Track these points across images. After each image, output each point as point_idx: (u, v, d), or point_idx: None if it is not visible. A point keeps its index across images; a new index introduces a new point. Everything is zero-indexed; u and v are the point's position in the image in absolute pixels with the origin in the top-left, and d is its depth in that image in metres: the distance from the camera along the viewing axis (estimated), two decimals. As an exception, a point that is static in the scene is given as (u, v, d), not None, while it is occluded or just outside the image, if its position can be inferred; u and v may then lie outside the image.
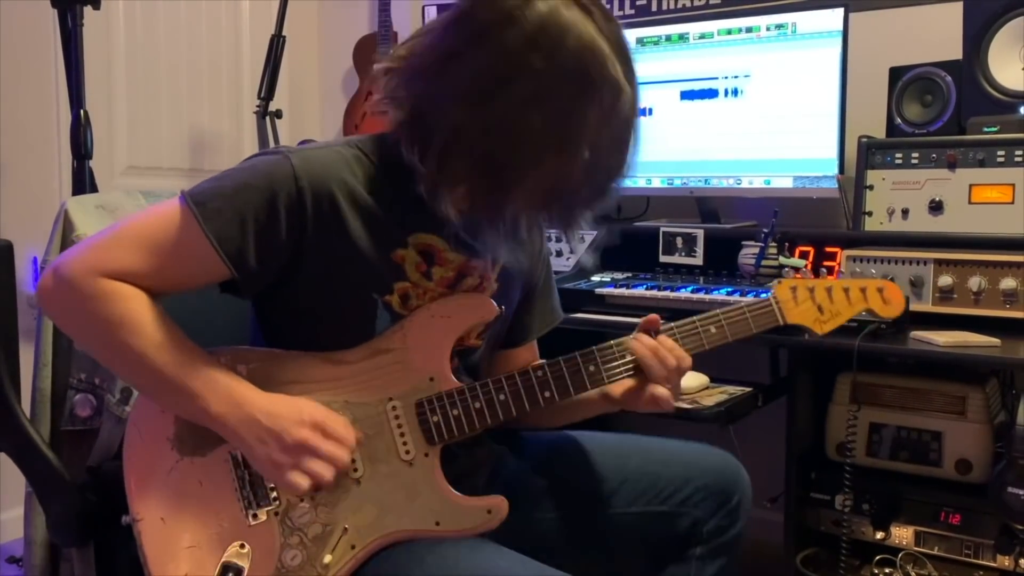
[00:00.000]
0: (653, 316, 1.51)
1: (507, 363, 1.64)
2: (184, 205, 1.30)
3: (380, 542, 1.35)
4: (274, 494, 1.34)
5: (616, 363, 1.50)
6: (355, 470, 1.36)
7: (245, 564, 1.32)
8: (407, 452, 1.38)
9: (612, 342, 1.50)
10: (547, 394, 1.45)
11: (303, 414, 1.30)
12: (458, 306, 1.45)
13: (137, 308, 1.28)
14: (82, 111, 2.46)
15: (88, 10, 2.48)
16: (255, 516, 1.34)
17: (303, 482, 1.28)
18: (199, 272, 1.33)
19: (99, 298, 1.27)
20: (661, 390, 1.48)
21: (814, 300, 1.61)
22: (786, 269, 1.68)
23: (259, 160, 1.36)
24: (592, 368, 1.47)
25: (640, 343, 1.49)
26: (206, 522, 1.33)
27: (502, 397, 1.43)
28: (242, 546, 1.33)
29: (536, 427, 1.70)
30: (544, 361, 1.48)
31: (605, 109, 1.28)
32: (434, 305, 1.43)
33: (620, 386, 1.52)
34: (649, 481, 1.60)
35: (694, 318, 1.54)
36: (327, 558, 1.33)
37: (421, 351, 1.41)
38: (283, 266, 1.35)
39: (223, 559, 1.32)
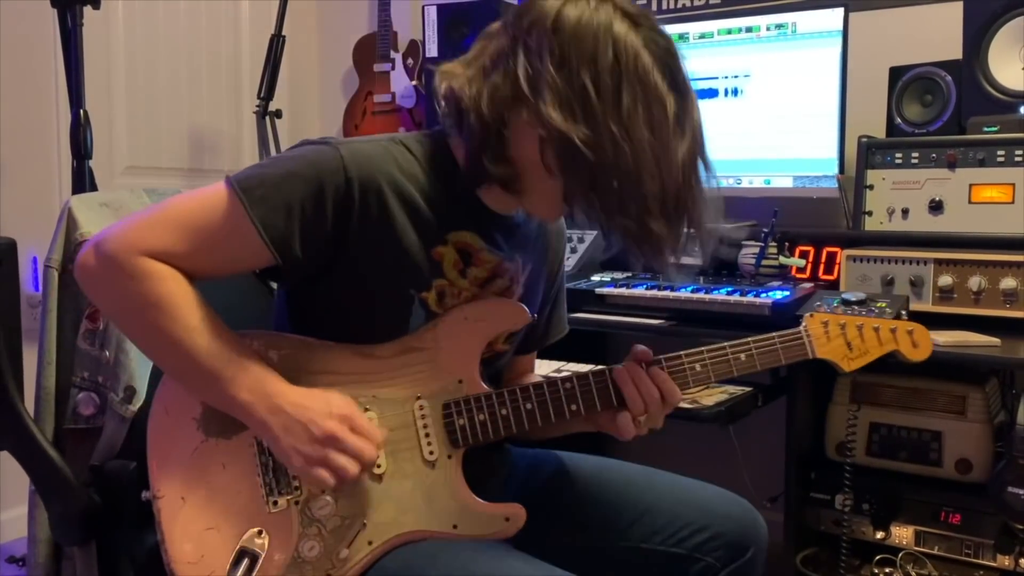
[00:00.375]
0: (645, 350, 1.47)
1: (508, 368, 1.64)
2: (230, 189, 1.29)
3: (397, 540, 1.35)
4: (296, 483, 1.34)
5: None
6: (378, 466, 1.35)
7: (262, 550, 1.32)
8: (431, 453, 1.38)
9: (606, 368, 1.47)
10: (573, 407, 1.44)
11: (332, 407, 1.28)
12: (492, 310, 1.44)
13: (175, 290, 1.27)
14: (82, 111, 2.46)
15: (88, 10, 2.48)
16: (275, 503, 1.33)
17: (328, 476, 1.27)
18: (241, 257, 1.32)
19: (138, 277, 1.26)
20: (624, 414, 1.44)
21: (845, 337, 1.58)
22: (819, 305, 1.67)
23: (308, 150, 1.34)
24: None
25: (624, 372, 1.44)
26: (226, 505, 1.33)
27: (528, 406, 1.42)
28: (260, 533, 1.33)
29: (521, 441, 1.69)
30: (572, 373, 1.46)
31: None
32: (468, 307, 1.43)
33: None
34: (667, 519, 1.57)
35: (725, 344, 1.50)
36: (344, 552, 1.33)
37: (452, 353, 1.41)
38: (327, 257, 1.34)
39: (240, 544, 1.32)
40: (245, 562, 1.31)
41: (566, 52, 1.28)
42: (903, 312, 1.73)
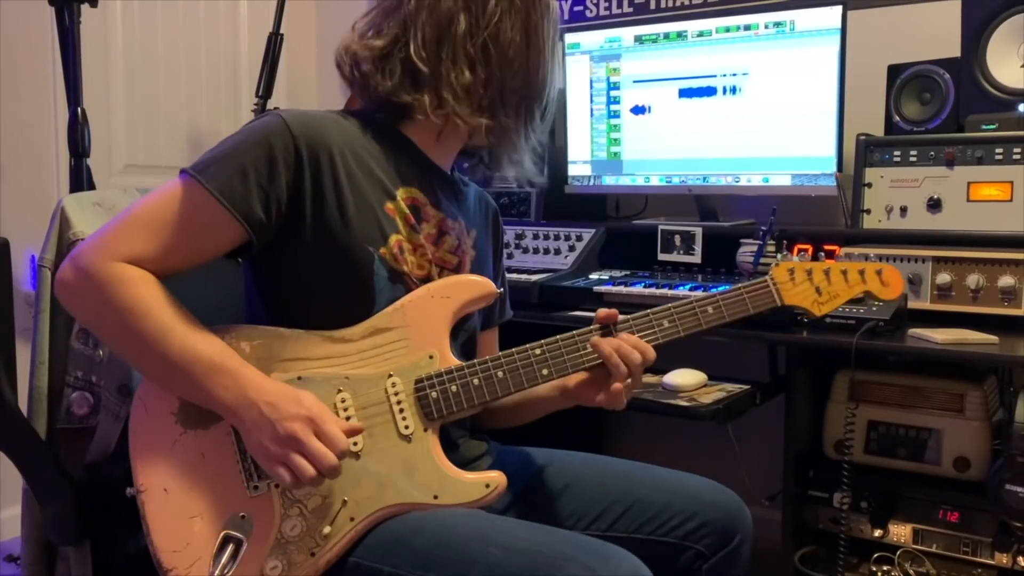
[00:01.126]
0: (611, 312, 1.50)
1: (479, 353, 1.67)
2: (185, 177, 1.36)
3: (379, 515, 1.37)
4: None
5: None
6: (355, 444, 1.38)
7: (246, 535, 1.35)
8: (406, 427, 1.40)
9: (576, 334, 1.50)
10: (545, 372, 1.47)
11: (301, 408, 1.30)
12: (456, 286, 1.49)
13: (145, 293, 1.32)
14: (79, 109, 2.45)
15: (86, 8, 2.47)
16: (256, 488, 1.36)
17: (285, 475, 1.29)
18: (209, 238, 1.37)
19: (111, 283, 1.31)
20: (618, 386, 1.47)
21: (812, 282, 1.59)
22: (783, 254, 1.68)
23: (252, 123, 1.43)
24: (589, 348, 1.48)
25: (604, 342, 1.47)
26: (208, 493, 1.36)
27: (500, 374, 1.44)
28: (243, 517, 1.36)
29: (498, 428, 1.71)
30: (543, 341, 1.48)
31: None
32: (432, 285, 1.48)
33: (575, 378, 1.53)
34: (656, 509, 1.59)
35: (691, 299, 1.53)
36: (326, 529, 1.35)
37: (421, 329, 1.44)
38: (285, 218, 1.39)
39: (224, 530, 1.35)
40: (230, 547, 1.34)
41: None
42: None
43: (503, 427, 1.72)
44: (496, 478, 1.42)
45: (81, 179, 2.47)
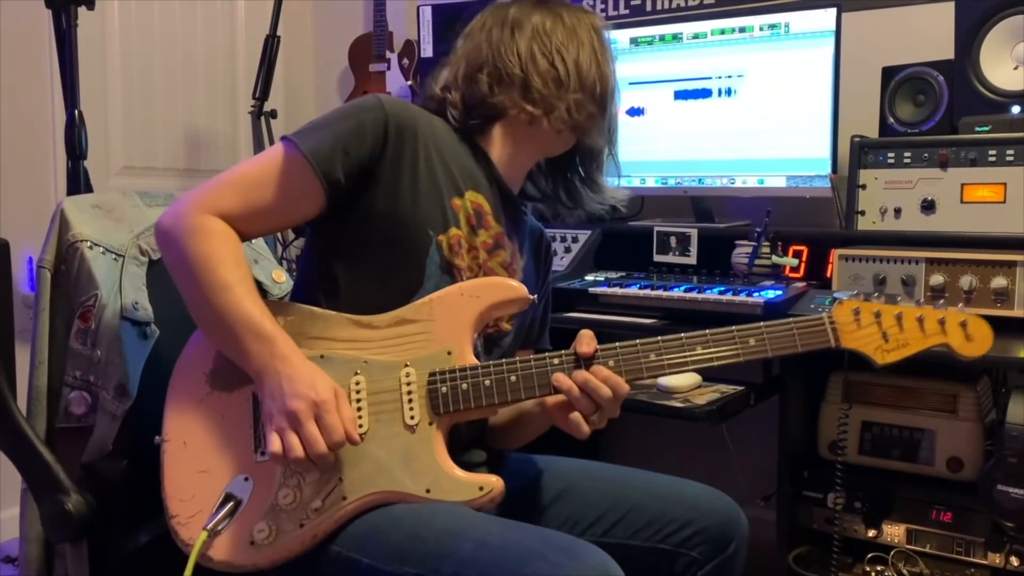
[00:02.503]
0: (586, 345, 1.46)
1: None
2: (284, 140, 1.48)
3: (371, 499, 1.40)
4: None
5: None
6: (361, 425, 1.42)
7: (244, 496, 1.41)
8: (412, 418, 1.43)
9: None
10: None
11: (311, 392, 1.36)
12: (488, 287, 1.51)
13: (220, 247, 1.42)
14: (76, 111, 2.46)
15: (83, 10, 2.48)
16: (263, 454, 1.42)
17: (275, 444, 1.35)
18: (294, 198, 1.47)
19: (195, 232, 1.41)
20: (578, 417, 1.46)
21: (880, 325, 1.43)
22: (835, 299, 1.48)
23: (352, 100, 1.59)
24: (612, 363, 1.46)
25: (563, 379, 1.44)
26: (220, 452, 1.44)
27: (513, 378, 1.45)
28: (246, 479, 1.43)
29: (499, 447, 1.71)
30: (562, 351, 1.48)
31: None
32: (465, 283, 1.52)
33: (553, 398, 1.50)
34: (651, 517, 1.60)
35: (733, 328, 1.47)
36: (317, 503, 1.39)
37: (445, 325, 1.47)
38: (359, 182, 1.49)
39: (227, 488, 1.42)
40: (229, 504, 1.40)
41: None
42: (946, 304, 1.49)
43: (502, 447, 1.71)
44: (492, 481, 1.42)
45: (78, 181, 2.48)
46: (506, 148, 1.66)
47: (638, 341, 1.48)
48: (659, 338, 1.48)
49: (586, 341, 1.46)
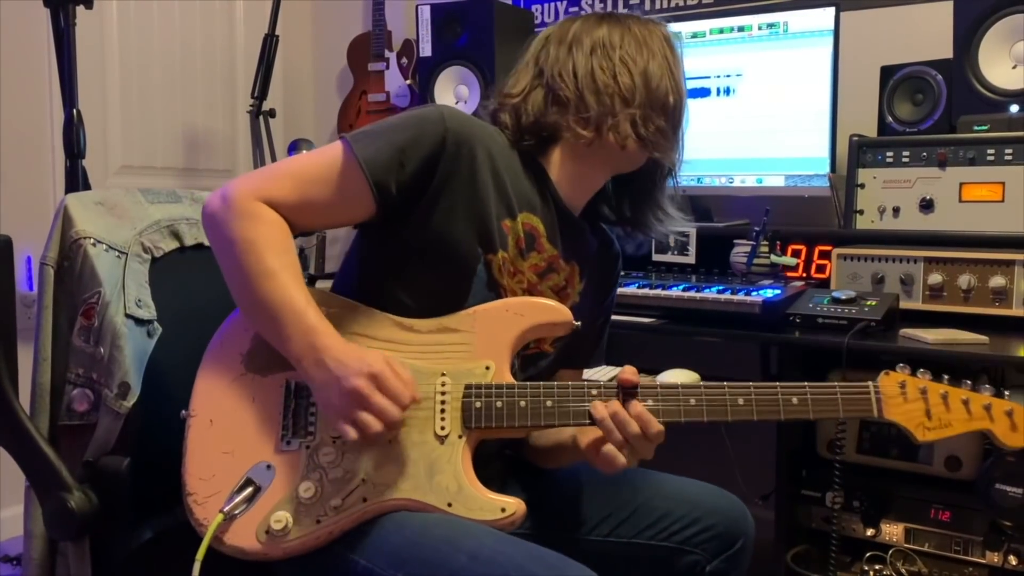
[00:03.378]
0: (629, 377, 1.44)
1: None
2: (342, 142, 1.46)
3: (391, 504, 1.39)
4: (311, 429, 1.42)
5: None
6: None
7: (265, 483, 1.40)
8: (442, 428, 1.42)
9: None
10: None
11: (364, 364, 1.34)
12: (534, 307, 1.49)
13: (268, 233, 1.40)
14: (75, 110, 2.45)
15: (81, 9, 2.48)
16: (288, 443, 1.41)
17: (351, 431, 1.33)
18: (344, 201, 1.45)
19: (245, 216, 1.39)
20: (612, 450, 1.42)
21: (925, 402, 1.43)
22: (902, 367, 1.45)
23: (414, 108, 1.53)
24: (651, 403, 1.44)
25: (599, 407, 1.43)
26: (246, 435, 1.43)
27: (549, 403, 1.43)
28: (268, 466, 1.41)
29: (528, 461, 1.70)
30: (600, 381, 1.48)
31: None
32: (511, 300, 1.51)
33: (586, 436, 1.49)
34: (657, 515, 1.60)
35: (776, 384, 1.44)
36: (336, 501, 1.38)
37: (486, 339, 1.46)
38: (412, 196, 1.46)
39: (248, 472, 1.40)
40: (249, 490, 1.39)
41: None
42: (1001, 390, 1.45)
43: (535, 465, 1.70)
44: (514, 504, 1.40)
45: (77, 180, 2.47)
46: (566, 168, 1.60)
47: (680, 384, 1.46)
48: (702, 384, 1.46)
49: (629, 374, 1.44)
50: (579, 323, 1.51)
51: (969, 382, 1.43)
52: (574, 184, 1.62)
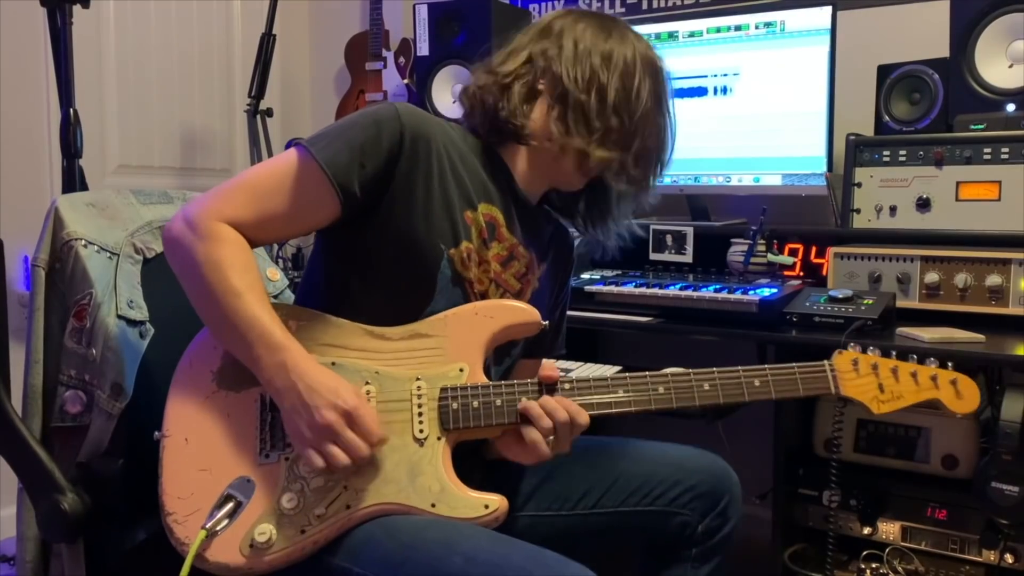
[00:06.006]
0: (549, 374, 1.47)
1: (515, 374, 1.67)
2: (298, 148, 1.45)
3: (375, 509, 1.39)
4: (290, 441, 1.41)
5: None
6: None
7: (246, 497, 1.39)
8: (420, 431, 1.43)
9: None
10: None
11: (338, 398, 1.34)
12: (502, 309, 1.52)
13: (230, 253, 1.39)
14: (71, 110, 2.45)
15: (78, 9, 2.48)
16: (267, 456, 1.42)
17: (318, 461, 1.34)
18: (307, 207, 1.45)
19: (205, 238, 1.39)
20: (534, 435, 1.44)
21: (877, 376, 1.52)
22: (847, 347, 1.55)
23: (367, 107, 1.53)
24: (621, 393, 1.49)
25: (532, 404, 1.45)
26: (223, 451, 1.42)
27: (524, 401, 1.45)
28: (248, 480, 1.40)
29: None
30: (574, 376, 1.49)
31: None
32: (480, 303, 1.52)
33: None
34: (640, 481, 1.63)
35: (739, 368, 1.51)
36: (320, 510, 1.38)
37: (458, 342, 1.48)
38: (372, 195, 1.46)
39: (228, 488, 1.40)
40: (230, 505, 1.38)
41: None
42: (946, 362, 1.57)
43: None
44: (497, 501, 1.41)
45: (74, 180, 2.47)
46: (527, 165, 1.63)
47: (648, 374, 1.51)
48: (670, 370, 1.50)
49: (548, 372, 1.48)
50: (547, 323, 1.56)
51: (915, 356, 1.53)
52: (533, 179, 1.65)
